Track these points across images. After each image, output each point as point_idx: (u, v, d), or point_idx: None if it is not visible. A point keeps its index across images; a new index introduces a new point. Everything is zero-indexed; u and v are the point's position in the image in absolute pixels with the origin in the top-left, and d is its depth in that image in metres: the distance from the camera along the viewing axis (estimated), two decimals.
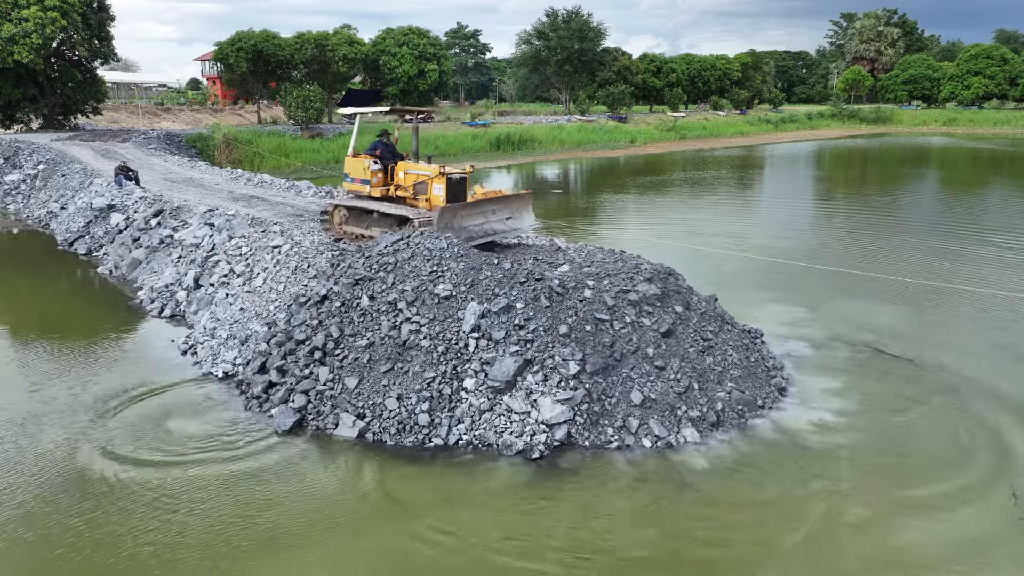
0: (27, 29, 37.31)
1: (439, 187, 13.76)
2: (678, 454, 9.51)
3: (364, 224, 14.79)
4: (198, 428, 10.35)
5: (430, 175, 13.97)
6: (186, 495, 8.67)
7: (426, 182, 14.05)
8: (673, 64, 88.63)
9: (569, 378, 9.94)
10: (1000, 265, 19.84)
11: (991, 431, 10.25)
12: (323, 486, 8.94)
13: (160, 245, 18.40)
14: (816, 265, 19.13)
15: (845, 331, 14.24)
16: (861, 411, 10.85)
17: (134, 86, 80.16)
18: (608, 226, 26.13)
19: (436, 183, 13.84)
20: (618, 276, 11.66)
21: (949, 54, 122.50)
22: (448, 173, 13.79)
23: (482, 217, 13.83)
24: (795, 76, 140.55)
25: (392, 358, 10.47)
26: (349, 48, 56.93)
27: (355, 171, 14.83)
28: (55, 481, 8.97)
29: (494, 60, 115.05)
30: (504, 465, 9.29)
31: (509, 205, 14.45)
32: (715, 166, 48.11)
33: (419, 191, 14.21)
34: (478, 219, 13.73)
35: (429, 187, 13.98)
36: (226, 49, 53.52)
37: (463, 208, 13.48)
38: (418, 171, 14.30)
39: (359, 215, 14.87)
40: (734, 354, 11.40)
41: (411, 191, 14.35)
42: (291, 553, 7.69)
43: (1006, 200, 34.56)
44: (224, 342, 12.82)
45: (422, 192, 14.15)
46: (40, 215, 26.32)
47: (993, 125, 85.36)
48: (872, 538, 7.92)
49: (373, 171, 14.53)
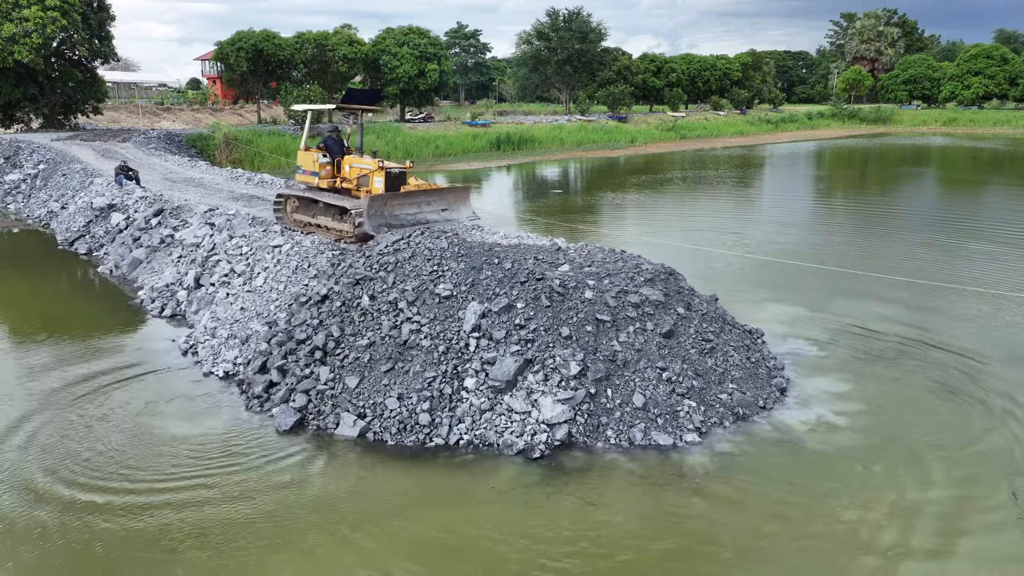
0: (27, 29, 37.32)
1: (379, 180, 14.81)
2: (680, 455, 9.51)
3: (311, 213, 15.88)
4: (198, 428, 10.35)
5: (371, 169, 15.04)
6: (186, 495, 8.67)
7: (368, 175, 15.12)
8: (673, 64, 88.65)
9: (570, 378, 9.94)
10: (1000, 264, 19.83)
11: (992, 431, 10.25)
12: (324, 485, 8.94)
13: (160, 245, 18.40)
14: (816, 265, 19.13)
15: (845, 331, 14.24)
16: (862, 411, 10.85)
17: (134, 86, 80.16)
18: (608, 226, 26.13)
19: (376, 176, 14.90)
20: (619, 276, 11.66)
21: (949, 54, 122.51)
22: (387, 167, 14.86)
23: (415, 207, 14.85)
24: (795, 76, 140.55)
25: (393, 358, 10.48)
26: (349, 48, 56.94)
27: (306, 164, 15.89)
28: (54, 482, 8.97)
29: (494, 60, 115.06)
30: (505, 464, 9.29)
31: (445, 197, 15.52)
32: (715, 166, 48.12)
33: (362, 183, 15.28)
34: (410, 208, 14.73)
35: (370, 180, 15.03)
36: (226, 49, 53.53)
37: (394, 198, 14.50)
38: (361, 165, 15.42)
39: (307, 204, 15.97)
40: (735, 355, 11.40)
41: (355, 183, 15.43)
42: (292, 553, 7.69)
43: (1006, 200, 34.55)
44: (225, 342, 12.82)
45: (364, 184, 15.21)
46: (40, 215, 26.32)
47: (993, 125, 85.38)
48: (873, 538, 7.92)
49: (321, 164, 15.57)
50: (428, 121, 61.92)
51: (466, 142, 53.30)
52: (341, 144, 16.19)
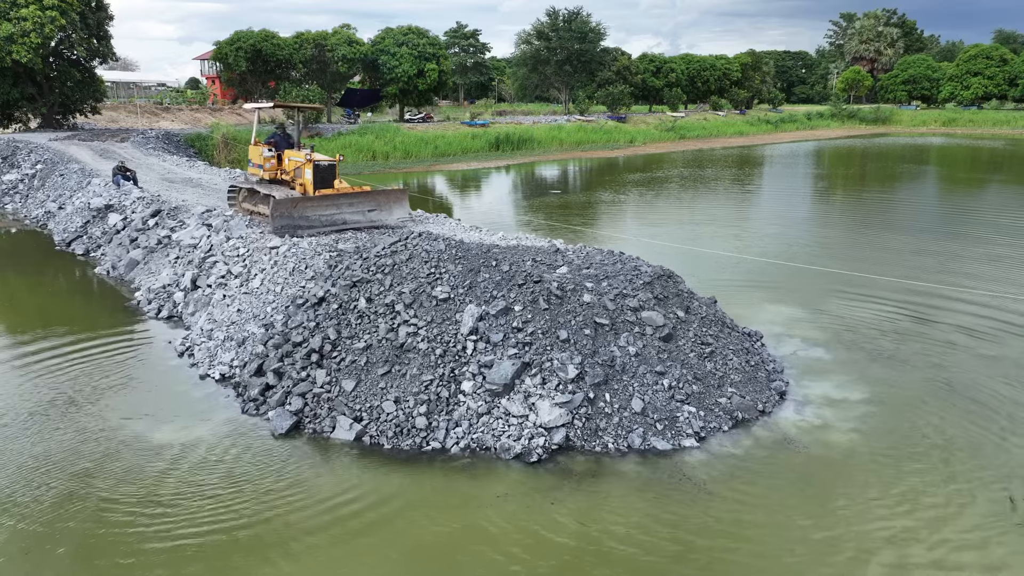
0: (26, 28, 37.22)
1: (308, 172, 16.05)
2: (680, 460, 9.46)
3: (253, 202, 17.56)
4: (195, 431, 10.28)
5: (302, 161, 16.29)
6: (183, 499, 8.61)
7: (301, 167, 16.35)
8: (673, 64, 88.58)
9: (568, 382, 9.89)
10: (1000, 264, 19.78)
11: (992, 431, 10.20)
12: (321, 489, 8.88)
13: (158, 246, 18.34)
14: (815, 267, 19.08)
15: (844, 332, 14.19)
16: (861, 414, 10.80)
17: (133, 85, 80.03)
18: (607, 226, 26.08)
19: (306, 168, 16.11)
20: (617, 278, 11.61)
21: (949, 54, 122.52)
22: (315, 160, 16.05)
23: (333, 208, 15.75)
24: (795, 76, 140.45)
25: (390, 360, 10.42)
26: (348, 48, 56.84)
27: (254, 157, 17.69)
28: (52, 482, 8.91)
29: (493, 60, 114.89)
30: (502, 468, 9.23)
31: (374, 199, 16.45)
32: (714, 166, 48.06)
33: (297, 176, 16.58)
34: (327, 210, 15.67)
35: (303, 172, 16.28)
36: (225, 48, 53.43)
37: (305, 200, 15.54)
38: (296, 158, 16.76)
39: (254, 194, 17.57)
40: (734, 358, 11.34)
41: (292, 175, 16.78)
42: (289, 557, 7.64)
43: (1005, 199, 34.51)
44: (221, 344, 12.76)
45: (299, 176, 16.47)
46: (38, 215, 26.25)
47: (992, 125, 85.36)
48: (874, 539, 7.88)
49: (266, 157, 17.27)
50: (427, 121, 61.83)
51: (465, 142, 53.21)
52: (288, 139, 17.90)
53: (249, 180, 18.17)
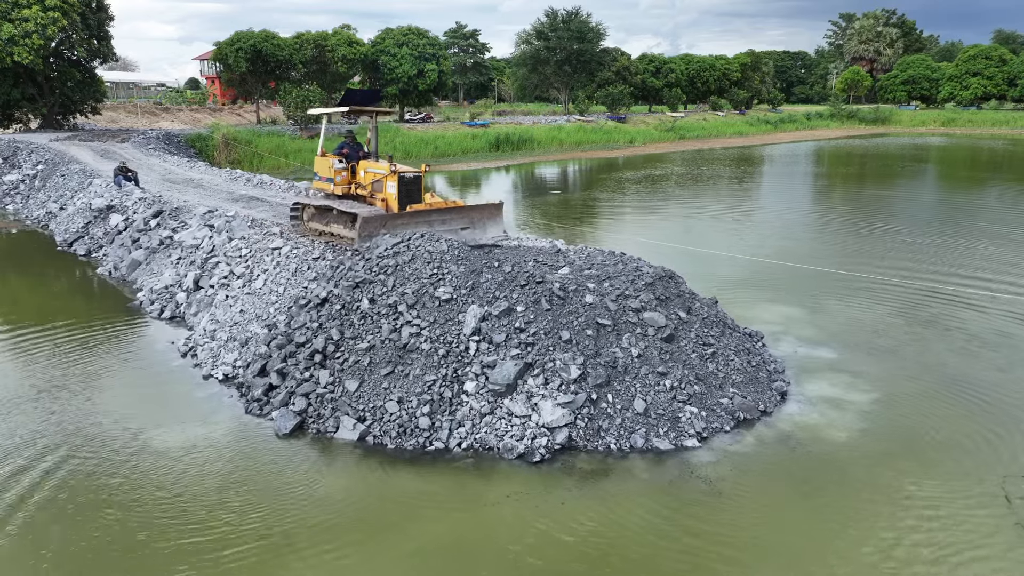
0: (27, 30, 37.22)
1: (392, 185, 14.32)
2: (682, 460, 9.50)
3: (325, 221, 15.20)
4: (198, 431, 10.32)
5: (384, 173, 14.51)
6: (186, 499, 8.65)
7: (381, 180, 14.61)
8: (672, 64, 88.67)
9: (570, 382, 9.93)
10: (1000, 264, 19.82)
11: (993, 430, 10.24)
12: (325, 489, 8.92)
13: (159, 246, 18.37)
14: (815, 267, 19.12)
15: (845, 332, 14.23)
16: (862, 413, 10.84)
17: (133, 86, 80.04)
18: (607, 227, 26.13)
19: (389, 181, 14.41)
20: (619, 279, 11.65)
21: (948, 55, 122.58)
22: (401, 172, 14.28)
23: (424, 226, 13.71)
24: (794, 76, 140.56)
25: (393, 361, 10.46)
26: (348, 48, 56.91)
27: (322, 170, 15.54)
28: (51, 482, 8.94)
29: (493, 60, 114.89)
30: (505, 468, 9.27)
31: (467, 215, 14.61)
32: (714, 166, 48.11)
33: (376, 189, 14.79)
34: (418, 228, 13.52)
35: (384, 185, 14.55)
36: (225, 49, 53.46)
37: (395, 218, 13.62)
38: (376, 170, 14.87)
39: (323, 212, 15.34)
40: (736, 359, 11.39)
41: (369, 189, 14.93)
42: (293, 557, 7.67)
43: (1004, 199, 34.55)
44: (224, 344, 12.79)
45: (378, 191, 14.73)
46: (39, 215, 26.28)
47: (992, 125, 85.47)
48: (876, 539, 7.92)
49: (337, 170, 15.25)
50: (427, 121, 61.86)
51: (465, 142, 53.26)
52: (359, 149, 15.74)
53: (315, 196, 16.12)
